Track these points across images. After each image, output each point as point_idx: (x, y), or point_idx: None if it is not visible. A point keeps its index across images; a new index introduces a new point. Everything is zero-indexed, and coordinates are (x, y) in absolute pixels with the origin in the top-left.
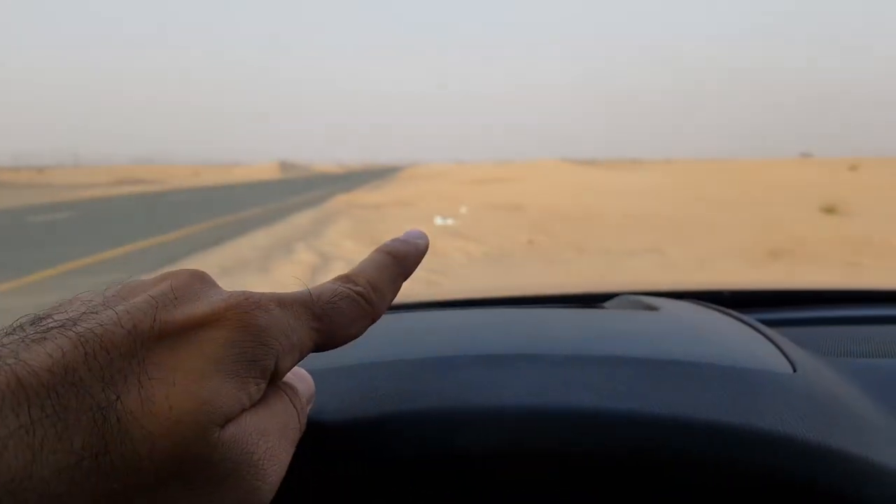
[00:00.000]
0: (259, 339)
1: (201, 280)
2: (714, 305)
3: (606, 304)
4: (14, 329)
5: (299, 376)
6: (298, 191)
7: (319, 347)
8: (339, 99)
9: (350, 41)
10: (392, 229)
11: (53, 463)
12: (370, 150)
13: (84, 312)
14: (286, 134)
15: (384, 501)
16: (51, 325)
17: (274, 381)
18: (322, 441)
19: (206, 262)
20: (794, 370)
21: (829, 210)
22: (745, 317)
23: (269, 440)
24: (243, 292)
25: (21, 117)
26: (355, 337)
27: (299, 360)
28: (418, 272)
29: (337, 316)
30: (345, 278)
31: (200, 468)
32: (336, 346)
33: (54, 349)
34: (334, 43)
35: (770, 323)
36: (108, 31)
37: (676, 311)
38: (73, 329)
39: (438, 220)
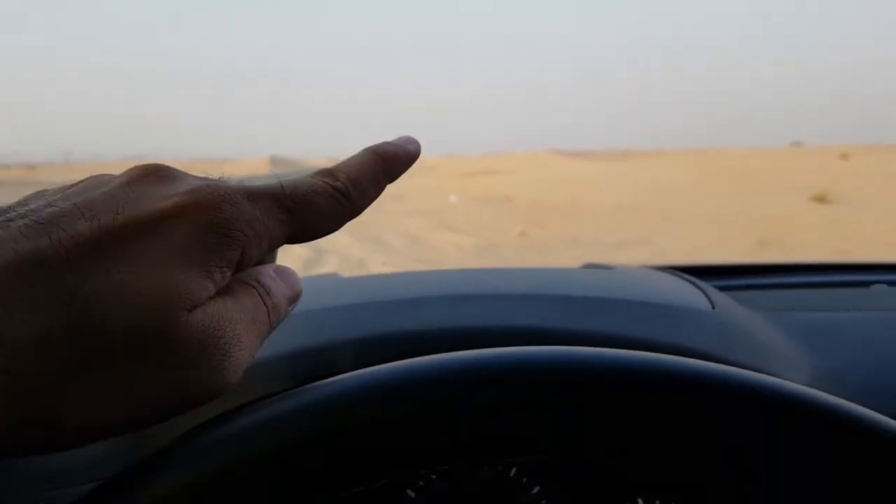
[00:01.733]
0: (224, 230)
1: (162, 172)
2: (665, 268)
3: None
4: None
5: (281, 273)
6: None
7: (292, 240)
8: (331, 94)
9: (341, 38)
10: (383, 222)
11: (24, 332)
12: (364, 144)
13: (44, 205)
14: (278, 130)
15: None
16: (12, 216)
17: (241, 269)
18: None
19: None
20: (713, 308)
21: (820, 199)
22: (687, 276)
23: (235, 327)
24: (209, 183)
25: (11, 115)
26: (333, 231)
27: (269, 251)
28: (410, 265)
29: (310, 211)
30: (325, 172)
31: (167, 347)
32: (312, 239)
33: (19, 236)
34: (326, 38)
35: (722, 288)
36: (97, 29)
37: (627, 270)
38: (35, 217)
39: (424, 220)
